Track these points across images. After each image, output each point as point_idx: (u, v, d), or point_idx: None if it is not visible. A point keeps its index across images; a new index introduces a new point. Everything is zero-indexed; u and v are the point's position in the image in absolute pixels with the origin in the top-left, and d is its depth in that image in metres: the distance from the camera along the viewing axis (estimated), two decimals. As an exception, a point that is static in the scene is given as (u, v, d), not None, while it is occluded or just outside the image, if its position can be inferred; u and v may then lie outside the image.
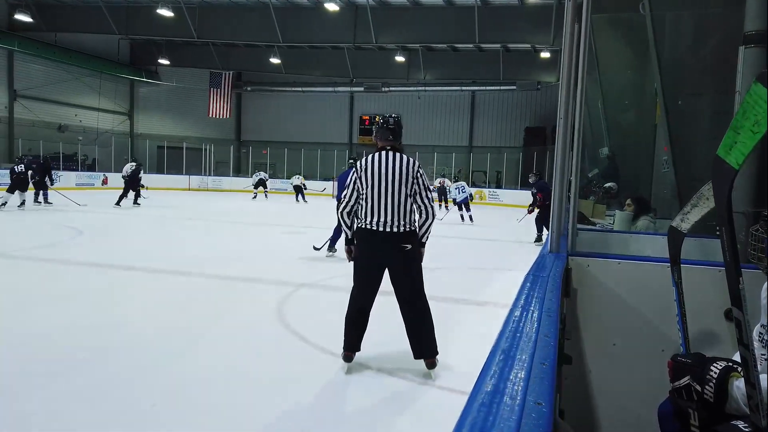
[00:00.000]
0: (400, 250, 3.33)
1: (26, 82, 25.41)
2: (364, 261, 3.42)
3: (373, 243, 3.33)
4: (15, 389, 3.02)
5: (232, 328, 4.37)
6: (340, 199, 3.57)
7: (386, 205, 3.29)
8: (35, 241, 8.76)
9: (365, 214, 3.34)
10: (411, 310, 3.48)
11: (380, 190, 3.31)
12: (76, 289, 5.55)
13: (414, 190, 3.37)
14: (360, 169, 3.41)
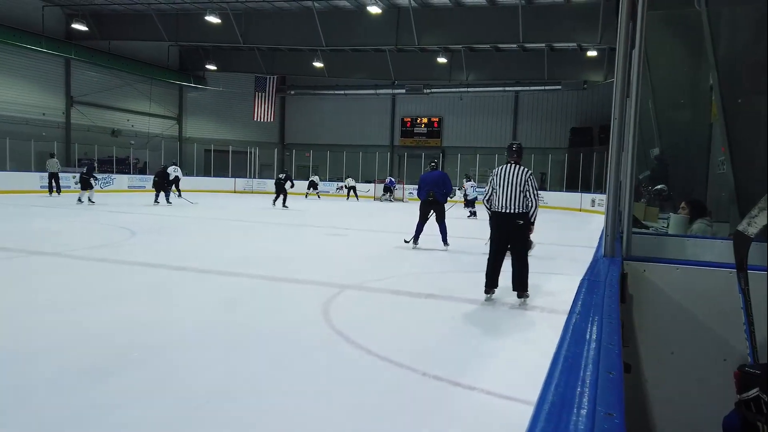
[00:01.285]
0: (515, 224, 5.32)
1: (82, 89, 26.53)
2: (496, 230, 5.50)
3: (501, 219, 5.37)
4: (73, 384, 3.14)
5: (278, 328, 4.43)
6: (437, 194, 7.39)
7: (508, 196, 5.29)
8: (91, 241, 9.12)
9: (498, 202, 5.36)
10: (517, 260, 5.43)
11: (505, 187, 5.31)
12: (128, 288, 5.75)
13: (525, 188, 5.30)
14: (494, 174, 5.44)
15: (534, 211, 5.37)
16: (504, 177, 5.34)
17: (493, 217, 5.47)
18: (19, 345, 3.77)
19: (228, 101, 32.22)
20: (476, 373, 3.54)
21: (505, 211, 5.31)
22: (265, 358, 3.71)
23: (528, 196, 5.30)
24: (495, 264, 5.49)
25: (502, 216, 5.34)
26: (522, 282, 5.42)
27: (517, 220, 5.29)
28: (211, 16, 20.76)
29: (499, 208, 5.34)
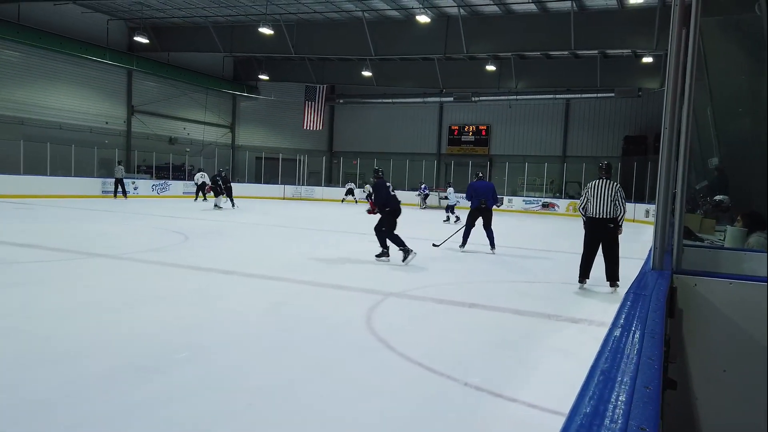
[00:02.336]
0: (607, 228, 6.44)
1: (142, 98, 27.76)
2: (590, 232, 6.59)
3: (595, 223, 6.49)
4: (125, 381, 3.28)
5: (321, 333, 4.49)
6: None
7: (601, 205, 6.41)
8: (146, 244, 9.51)
9: (592, 209, 6.48)
10: (610, 256, 6.49)
11: (599, 198, 6.43)
12: (179, 290, 5.96)
13: (615, 198, 6.41)
14: (589, 188, 6.55)
15: (622, 216, 6.46)
16: (597, 190, 6.45)
17: (588, 222, 6.62)
18: (77, 342, 3.97)
19: (279, 110, 32.98)
20: (518, 385, 3.49)
21: (598, 216, 6.42)
22: (306, 362, 3.77)
23: (617, 204, 6.41)
24: (589, 259, 6.64)
25: (596, 221, 6.46)
26: (614, 274, 6.47)
27: (608, 224, 6.42)
28: (264, 28, 21.34)
29: (594, 214, 6.46)
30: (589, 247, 6.61)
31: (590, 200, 6.47)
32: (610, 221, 6.39)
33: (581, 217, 6.76)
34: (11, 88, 22.10)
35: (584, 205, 6.56)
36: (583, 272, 6.72)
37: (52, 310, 4.79)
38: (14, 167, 20.83)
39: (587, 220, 6.59)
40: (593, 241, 6.55)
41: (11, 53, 21.98)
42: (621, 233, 6.57)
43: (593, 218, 6.47)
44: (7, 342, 3.88)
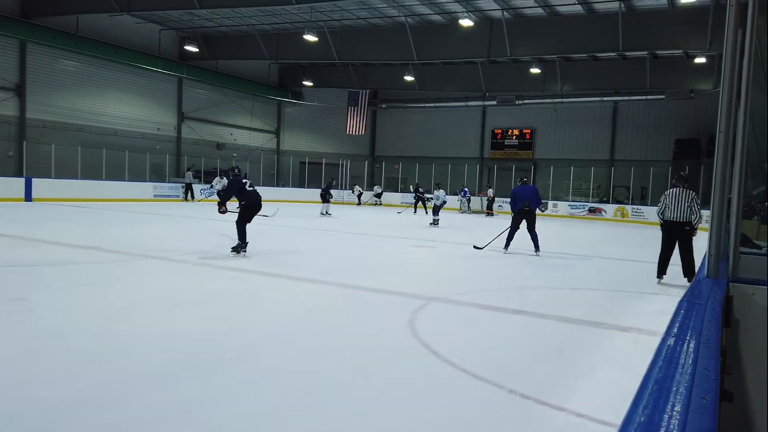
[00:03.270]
0: (683, 230, 7.17)
1: (192, 105, 28.65)
2: (667, 234, 7.31)
3: (673, 226, 7.22)
4: (172, 381, 3.39)
5: (364, 336, 4.53)
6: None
7: (679, 210, 7.15)
8: (194, 247, 9.80)
9: (670, 214, 7.21)
10: (685, 253, 7.19)
11: (677, 204, 7.17)
12: (226, 291, 6.12)
13: (691, 204, 7.13)
14: (667, 195, 7.30)
15: (697, 220, 7.19)
16: (675, 197, 7.23)
17: (666, 225, 7.35)
18: (129, 340, 4.13)
19: (322, 115, 33.43)
20: (566, 393, 3.43)
21: (676, 220, 7.18)
22: (350, 364, 3.81)
23: (693, 209, 7.16)
24: (666, 258, 7.42)
25: (674, 224, 7.22)
26: (690, 271, 7.09)
27: (684, 226, 7.18)
28: (309, 35, 21.70)
29: (672, 218, 7.22)
30: (667, 247, 7.38)
31: (668, 206, 7.23)
32: (686, 224, 7.17)
33: (659, 221, 7.55)
34: (70, 96, 23.21)
35: (662, 210, 7.34)
36: (660, 269, 7.51)
37: (107, 310, 5.00)
38: (72, 172, 21.85)
39: (665, 223, 7.33)
40: (670, 242, 7.32)
41: (70, 63, 23.10)
42: (695, 235, 7.27)
43: (671, 222, 7.22)
44: (65, 340, 4.07)
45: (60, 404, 2.94)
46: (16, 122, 21.56)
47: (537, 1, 20.45)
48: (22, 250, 8.29)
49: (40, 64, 22.08)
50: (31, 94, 21.85)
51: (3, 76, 21.04)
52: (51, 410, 2.86)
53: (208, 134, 29.70)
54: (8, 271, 6.70)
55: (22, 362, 3.55)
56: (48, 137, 21.99)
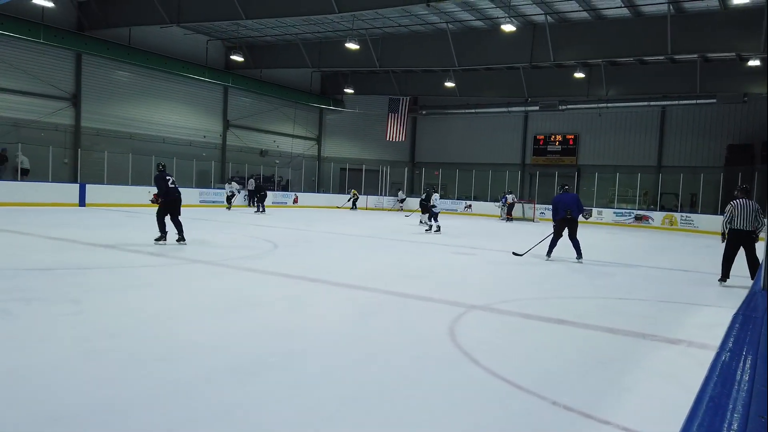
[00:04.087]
0: (749, 237, 7.91)
1: (236, 113, 29.38)
2: (735, 240, 7.98)
3: (740, 234, 7.94)
4: (218, 384, 3.47)
5: (405, 343, 4.53)
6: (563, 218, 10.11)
7: (746, 220, 7.90)
8: (240, 252, 10.02)
9: (738, 223, 7.94)
10: (751, 258, 7.97)
11: (743, 214, 7.91)
12: (270, 296, 6.23)
13: (756, 212, 7.88)
14: (734, 206, 7.99)
15: (761, 227, 7.89)
16: (742, 207, 7.95)
17: (733, 233, 8.00)
18: (179, 342, 4.26)
19: (363, 122, 33.71)
20: (612, 407, 3.35)
21: (743, 229, 7.89)
22: (392, 372, 3.82)
23: (759, 219, 7.88)
24: (730, 261, 8.06)
25: (741, 232, 7.92)
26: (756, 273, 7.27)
27: (751, 234, 7.89)
28: (350, 43, 21.94)
29: (740, 227, 7.92)
30: (733, 253, 8.05)
31: (736, 216, 7.96)
32: (752, 232, 7.90)
33: (723, 230, 8.20)
34: (122, 105, 24.15)
35: (730, 219, 8.05)
36: (724, 273, 8.14)
37: (155, 313, 5.17)
38: (124, 178, 22.69)
39: (732, 231, 8.01)
40: (735, 249, 8.03)
41: (123, 74, 24.05)
42: (758, 241, 8.02)
43: (740, 230, 7.94)
44: (115, 342, 4.23)
45: (110, 405, 3.05)
46: (71, 131, 22.57)
47: (582, 5, 20.10)
48: (76, 254, 8.66)
49: (94, 74, 23.07)
50: (85, 104, 22.85)
51: (60, 86, 22.08)
52: (101, 411, 2.98)
53: (252, 141, 30.37)
54: (64, 273, 7.00)
55: (76, 362, 3.70)
56: (101, 145, 22.93)
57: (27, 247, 9.20)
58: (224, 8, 19.80)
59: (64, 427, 2.76)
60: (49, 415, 2.86)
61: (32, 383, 3.28)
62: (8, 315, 4.77)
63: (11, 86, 20.58)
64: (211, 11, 20.48)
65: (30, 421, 2.80)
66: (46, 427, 2.74)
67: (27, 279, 6.43)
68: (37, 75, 21.23)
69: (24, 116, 20.96)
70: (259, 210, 22.27)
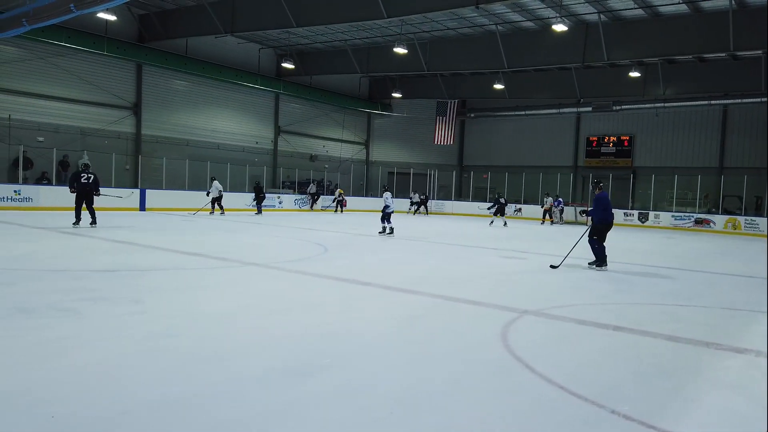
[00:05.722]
0: None
1: (287, 119, 30.02)
2: None
3: None
4: (274, 384, 3.54)
5: (457, 348, 4.50)
6: None
7: None
8: (291, 255, 10.21)
9: None
10: None
11: None
12: (321, 298, 6.31)
13: None
14: None
15: None
16: None
17: None
18: (231, 343, 4.37)
19: (411, 126, 33.78)
20: (675, 418, 3.22)
21: None
22: (443, 376, 3.80)
23: None
24: None
25: None
26: None
27: None
28: (399, 47, 22.05)
29: None
30: None
31: None
32: None
33: None
34: (180, 113, 25.11)
35: None
36: None
37: (212, 313, 5.33)
38: (181, 183, 23.53)
39: None
40: None
41: (180, 82, 25.00)
42: None
43: None
44: (175, 341, 4.38)
45: (170, 402, 3.16)
46: (132, 138, 23.62)
47: (637, 3, 19.50)
48: (138, 256, 9.04)
49: (154, 84, 24.09)
50: (145, 112, 23.88)
51: (122, 96, 23.16)
52: (163, 407, 3.09)
53: (302, 146, 30.94)
54: (126, 274, 7.32)
55: (139, 359, 3.86)
56: (160, 151, 23.89)
57: (92, 249, 9.68)
58: (276, 17, 20.27)
59: (131, 422, 2.88)
60: (118, 409, 2.99)
61: (101, 379, 3.44)
62: (77, 314, 5.02)
63: (78, 96, 21.73)
64: (264, 20, 21.01)
65: (102, 415, 2.93)
66: (115, 421, 2.87)
67: (93, 280, 6.76)
68: (101, 85, 22.34)
69: (89, 125, 22.09)
70: (258, 212, 22.39)
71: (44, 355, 3.85)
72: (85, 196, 12.95)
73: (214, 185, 20.41)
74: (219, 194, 20.35)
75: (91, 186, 12.99)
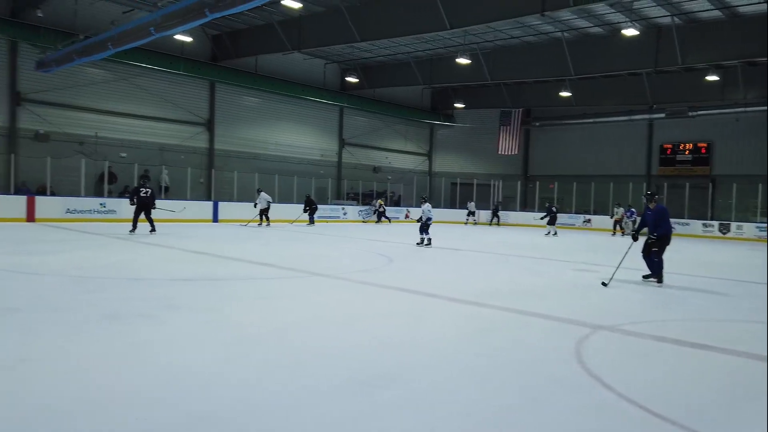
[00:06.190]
0: None
1: (351, 132, 30.56)
2: None
3: None
4: (344, 393, 3.59)
5: (529, 363, 4.40)
6: None
7: None
8: (357, 266, 10.34)
9: None
10: None
11: None
12: (388, 309, 6.36)
13: None
14: None
15: None
16: None
17: None
18: (307, 352, 4.48)
19: (473, 136, 33.54)
20: (769, 445, 3.02)
21: None
22: (514, 392, 3.73)
23: None
24: None
25: None
26: None
27: None
28: (461, 58, 21.99)
29: None
30: None
31: None
32: None
33: None
34: (249, 128, 26.11)
35: None
36: None
37: (286, 322, 5.48)
38: (251, 196, 24.37)
39: None
40: None
41: (250, 98, 26.01)
42: None
43: None
44: (252, 348, 4.54)
45: (248, 408, 3.28)
46: (206, 153, 24.75)
47: (714, 4, 18.58)
48: (211, 266, 9.44)
49: (225, 100, 25.19)
50: (218, 128, 24.97)
51: (196, 113, 24.34)
52: (242, 413, 3.21)
53: (365, 158, 31.36)
54: (202, 284, 7.66)
55: (217, 366, 4.02)
56: (231, 165, 24.86)
57: (171, 259, 10.19)
58: (341, 32, 20.73)
59: (211, 427, 3.01)
60: (198, 415, 3.13)
61: (183, 383, 3.62)
62: (158, 321, 5.30)
63: (156, 114, 23.03)
64: (329, 36, 21.53)
65: (183, 420, 3.08)
66: (197, 425, 3.01)
67: (172, 288, 7.12)
68: (177, 103, 23.58)
69: (167, 141, 23.33)
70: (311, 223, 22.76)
71: (130, 359, 4.08)
72: (144, 207, 14.53)
73: (262, 196, 20.73)
74: (267, 205, 20.78)
75: (149, 199, 14.59)
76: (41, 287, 6.91)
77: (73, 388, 3.47)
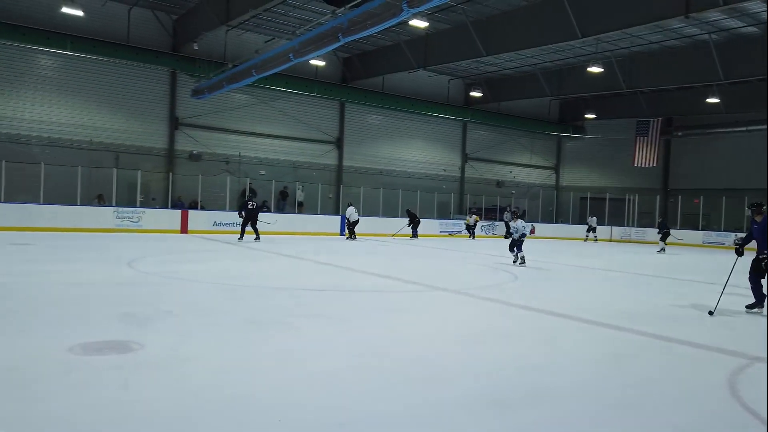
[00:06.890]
0: None
1: (474, 146, 30.37)
2: None
3: None
4: (477, 413, 3.55)
5: (676, 396, 4.06)
6: None
7: None
8: (480, 282, 10.22)
9: None
10: None
11: None
12: (516, 328, 6.21)
13: None
14: None
15: None
16: None
17: None
18: (434, 367, 4.51)
19: (606, 148, 31.72)
20: None
21: None
22: (661, 425, 3.46)
23: None
24: None
25: None
26: None
27: None
28: (593, 67, 20.99)
29: None
30: None
31: None
32: None
33: None
34: (374, 145, 27.02)
35: None
36: None
37: (414, 335, 5.57)
38: (375, 210, 25.14)
39: None
40: None
41: (375, 117, 26.94)
42: None
43: None
44: (383, 359, 4.67)
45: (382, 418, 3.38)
46: (335, 169, 26.00)
47: None
48: (340, 278, 9.88)
49: (354, 119, 26.34)
50: (346, 146, 26.15)
51: (327, 132, 25.71)
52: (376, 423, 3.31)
53: (488, 173, 30.96)
54: (333, 294, 8.05)
55: (351, 375, 4.19)
56: (358, 181, 25.86)
57: (304, 270, 10.83)
58: (467, 48, 20.75)
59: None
60: (335, 421, 3.29)
61: (319, 390, 3.82)
62: (294, 329, 5.65)
63: (291, 134, 24.68)
64: (454, 52, 21.67)
65: (320, 425, 3.25)
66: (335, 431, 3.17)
67: (306, 298, 7.56)
68: (310, 123, 25.08)
69: (300, 159, 24.89)
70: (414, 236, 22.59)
71: (270, 364, 4.39)
72: (251, 219, 16.82)
73: (350, 210, 20.84)
74: (356, 220, 20.90)
75: (255, 211, 17.07)
76: (193, 293, 7.68)
77: (224, 387, 3.81)
